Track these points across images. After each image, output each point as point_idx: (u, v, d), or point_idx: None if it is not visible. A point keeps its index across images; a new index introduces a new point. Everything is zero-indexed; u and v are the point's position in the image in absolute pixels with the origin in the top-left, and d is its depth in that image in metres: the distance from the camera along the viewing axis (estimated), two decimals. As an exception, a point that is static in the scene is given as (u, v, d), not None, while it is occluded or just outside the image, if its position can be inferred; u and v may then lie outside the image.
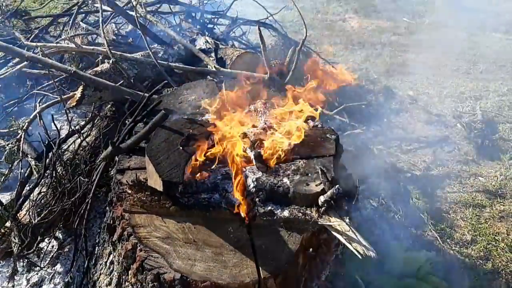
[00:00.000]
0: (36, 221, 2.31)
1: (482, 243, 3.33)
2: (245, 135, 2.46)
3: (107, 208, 2.20)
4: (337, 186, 2.14)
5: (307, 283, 2.33)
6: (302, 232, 2.08)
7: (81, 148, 2.89)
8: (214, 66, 3.41)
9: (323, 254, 2.32)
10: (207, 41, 3.88)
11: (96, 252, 2.49)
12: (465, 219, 3.60)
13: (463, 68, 7.81)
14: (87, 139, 2.91)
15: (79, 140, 3.08)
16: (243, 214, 2.09)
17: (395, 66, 7.50)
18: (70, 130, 3.03)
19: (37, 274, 2.72)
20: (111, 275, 2.19)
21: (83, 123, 3.30)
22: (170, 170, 1.96)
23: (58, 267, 2.77)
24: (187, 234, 1.96)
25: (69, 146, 3.06)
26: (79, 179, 2.45)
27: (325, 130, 2.63)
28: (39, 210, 2.44)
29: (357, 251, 2.01)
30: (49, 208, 2.38)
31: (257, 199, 2.17)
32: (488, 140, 5.10)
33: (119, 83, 2.95)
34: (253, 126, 2.53)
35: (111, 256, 2.18)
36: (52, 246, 2.84)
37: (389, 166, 4.15)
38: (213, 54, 3.70)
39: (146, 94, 2.54)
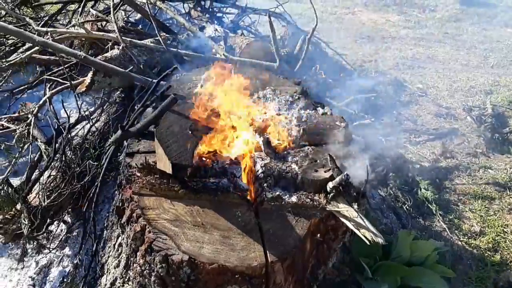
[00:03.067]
0: (45, 203, 2.33)
1: (491, 235, 3.31)
2: (253, 121, 2.46)
3: (117, 191, 2.22)
4: (345, 172, 2.14)
5: (314, 270, 2.34)
6: (310, 218, 2.08)
7: (90, 133, 2.90)
8: (223, 54, 3.40)
9: (330, 241, 2.31)
10: (216, 29, 3.88)
11: (104, 235, 2.51)
12: (474, 210, 3.57)
13: (473, 62, 7.75)
14: (96, 125, 2.92)
15: (88, 126, 3.10)
16: (251, 199, 2.10)
17: (405, 60, 7.46)
18: (80, 115, 3.05)
19: (46, 256, 2.75)
20: (119, 257, 2.21)
21: (92, 109, 3.32)
22: (179, 154, 1.97)
23: (67, 250, 2.80)
24: (195, 217, 1.97)
25: (78, 131, 3.08)
26: (88, 163, 2.46)
27: (335, 117, 2.62)
28: (48, 193, 2.46)
29: (365, 237, 2.01)
30: (59, 191, 2.40)
31: (265, 184, 2.17)
32: (498, 133, 5.05)
33: (129, 69, 2.96)
34: (263, 113, 2.53)
35: (119, 238, 2.20)
36: (61, 230, 2.86)
37: (398, 156, 4.13)
38: (222, 42, 3.69)
39: (155, 80, 2.54)
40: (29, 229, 2.33)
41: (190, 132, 2.12)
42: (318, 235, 2.14)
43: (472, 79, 6.98)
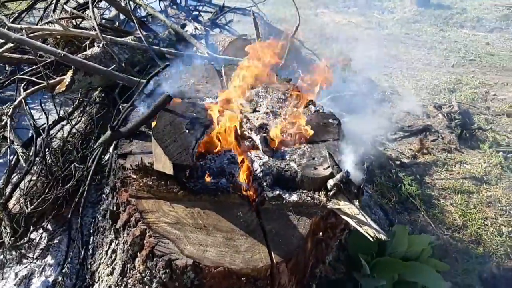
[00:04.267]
0: (29, 209, 2.18)
1: (473, 228, 3.40)
2: (248, 120, 2.41)
3: (109, 194, 2.11)
4: (345, 169, 2.13)
5: (313, 268, 2.31)
6: (311, 217, 2.05)
7: (70, 135, 2.76)
8: (207, 52, 3.32)
9: (329, 239, 2.29)
10: (196, 27, 3.79)
11: (92, 241, 2.39)
12: (454, 205, 3.66)
13: (435, 62, 8.02)
14: (76, 126, 2.78)
15: (67, 127, 2.95)
16: (251, 199, 2.04)
17: (370, 60, 7.57)
18: (59, 116, 2.90)
19: (26, 267, 2.59)
20: (113, 264, 2.10)
21: (70, 109, 3.16)
22: (179, 154, 1.89)
23: (49, 259, 2.64)
24: (196, 219, 1.90)
25: (56, 133, 2.92)
26: (73, 166, 2.33)
27: (327, 115, 2.60)
28: (30, 198, 2.31)
29: (368, 234, 1.99)
30: (42, 197, 2.25)
31: (264, 184, 2.12)
32: (466, 130, 5.23)
33: (111, 68, 2.83)
34: (255, 110, 2.49)
35: (113, 244, 2.09)
36: (41, 238, 2.71)
37: (379, 153, 4.18)
38: (203, 40, 3.61)
39: (143, 80, 2.44)
40: (11, 238, 2.18)
41: (187, 131, 2.04)
42: (320, 233, 2.11)
43: (435, 77, 7.21)
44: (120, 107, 2.65)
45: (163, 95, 2.14)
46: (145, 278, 1.84)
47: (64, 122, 3.00)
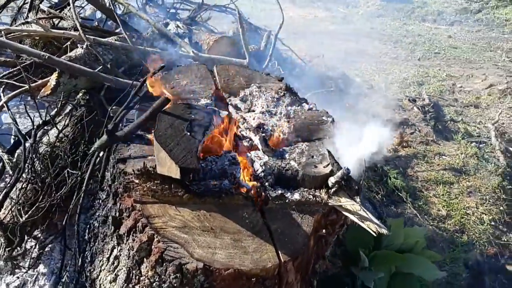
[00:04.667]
0: (23, 219, 2.11)
1: (456, 217, 3.52)
2: (244, 120, 2.41)
3: (107, 199, 2.06)
4: (346, 166, 2.16)
5: (314, 265, 2.34)
6: (313, 214, 2.07)
7: (58, 140, 2.67)
8: (192, 51, 3.29)
9: (328, 235, 2.33)
10: (178, 26, 3.74)
11: (89, 248, 2.33)
12: (437, 196, 3.78)
13: (402, 56, 8.19)
14: (63, 130, 2.69)
15: (52, 132, 2.86)
16: (255, 199, 2.05)
17: (339, 54, 7.67)
18: (43, 121, 2.80)
19: (18, 278, 2.51)
20: (116, 271, 2.06)
21: (53, 113, 3.06)
22: (184, 157, 1.87)
23: (41, 268, 2.57)
24: (203, 222, 1.88)
25: (41, 138, 2.83)
26: (66, 172, 2.27)
27: (320, 112, 2.63)
28: (20, 207, 2.23)
29: (370, 229, 2.04)
30: (36, 205, 2.18)
31: (266, 184, 2.13)
32: (439, 122, 5.39)
33: (98, 69, 2.76)
34: (252, 111, 2.48)
35: (115, 251, 2.05)
36: (31, 246, 2.62)
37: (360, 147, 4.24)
38: (186, 39, 3.57)
39: (137, 82, 2.40)
40: (6, 249, 2.10)
41: (188, 133, 2.02)
42: (324, 230, 2.14)
43: (403, 71, 7.38)
44: (111, 110, 2.60)
45: (161, 97, 2.10)
46: (154, 284, 1.82)
47: (47, 127, 2.90)
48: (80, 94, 3.11)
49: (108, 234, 2.07)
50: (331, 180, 2.13)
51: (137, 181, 1.94)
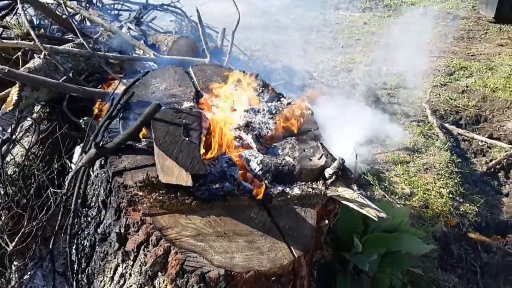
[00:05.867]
0: (11, 248, 1.93)
1: (419, 194, 3.75)
2: (231, 120, 2.38)
3: (112, 215, 1.94)
4: (340, 157, 2.22)
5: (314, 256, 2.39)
6: (314, 207, 2.11)
7: (26, 158, 2.47)
8: (153, 53, 3.18)
9: (324, 225, 2.38)
10: (130, 28, 3.59)
11: (81, 270, 2.19)
12: (398, 175, 4.00)
13: (326, 44, 8.46)
14: (26, 146, 2.49)
15: (16, 150, 2.64)
16: (259, 198, 2.04)
17: (268, 47, 7.77)
18: (2, 139, 2.58)
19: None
20: (122, 289, 1.96)
21: (9, 130, 2.82)
22: (191, 163, 1.82)
23: (24, 298, 2.37)
24: (215, 227, 1.85)
25: (4, 158, 2.60)
26: (50, 191, 2.10)
27: (299, 106, 2.67)
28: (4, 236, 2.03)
29: (370, 214, 2.12)
30: (22, 231, 2.00)
31: (266, 181, 2.13)
32: (379, 105, 5.70)
33: (62, 79, 2.58)
34: (233, 110, 2.46)
35: (119, 268, 1.95)
36: (10, 273, 2.41)
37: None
38: (142, 42, 3.44)
39: (117, 92, 2.28)
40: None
41: (186, 139, 1.96)
42: (326, 221, 2.19)
43: (331, 59, 7.64)
44: (82, 121, 2.46)
45: (151, 104, 2.02)
46: (174, 297, 1.76)
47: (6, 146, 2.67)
48: (39, 107, 2.90)
49: (111, 252, 1.96)
50: (328, 171, 2.18)
51: (141, 193, 1.85)
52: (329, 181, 2.18)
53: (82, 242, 2.24)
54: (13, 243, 1.92)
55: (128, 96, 2.24)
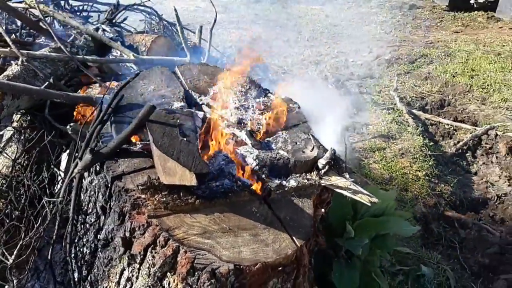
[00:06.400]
0: (11, 261, 1.89)
1: (398, 178, 3.90)
2: (221, 117, 2.41)
3: (115, 220, 1.93)
4: (331, 147, 2.29)
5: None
6: (310, 197, 2.18)
7: (13, 169, 2.41)
8: (133, 55, 3.15)
9: (320, 214, 2.46)
10: (104, 30, 3.53)
11: (83, 278, 2.18)
12: (376, 162, 4.14)
13: (292, 38, 8.55)
14: (11, 156, 2.43)
15: (0, 161, 2.58)
16: (259, 193, 2.08)
17: (234, 43, 7.77)
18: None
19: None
20: (129, 293, 1.97)
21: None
22: (193, 163, 1.84)
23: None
24: (220, 224, 1.89)
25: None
26: (44, 201, 2.07)
27: (286, 100, 2.72)
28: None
29: (363, 200, 2.21)
30: (20, 244, 1.96)
31: (263, 176, 2.18)
32: (350, 95, 5.86)
33: (44, 86, 2.52)
34: (225, 107, 2.49)
35: (125, 272, 1.95)
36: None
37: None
38: (118, 43, 3.40)
39: (104, 97, 2.26)
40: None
41: (184, 139, 1.98)
42: (323, 210, 2.26)
43: (299, 53, 7.75)
44: (68, 127, 2.43)
45: (146, 106, 2.02)
46: (186, 296, 1.78)
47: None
48: (19, 116, 2.83)
49: (115, 257, 1.96)
50: (321, 162, 2.25)
51: (144, 196, 1.86)
52: (323, 171, 2.25)
53: (81, 249, 2.23)
54: (13, 256, 1.89)
55: (118, 99, 2.22)
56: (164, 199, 1.87)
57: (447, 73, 6.61)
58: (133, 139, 2.16)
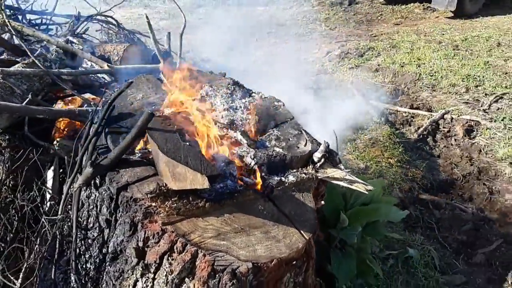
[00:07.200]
0: (18, 284, 1.81)
1: (373, 167, 4.06)
2: (213, 120, 2.42)
3: (125, 232, 1.90)
4: (324, 140, 2.37)
5: (310, 237, 2.53)
6: (309, 190, 2.25)
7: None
8: (107, 65, 3.10)
9: (320, 206, 2.53)
10: (72, 41, 3.44)
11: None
12: (350, 153, 4.28)
13: (240, 40, 8.55)
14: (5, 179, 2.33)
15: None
16: (262, 191, 2.12)
17: (191, 47, 7.74)
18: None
19: None
20: (143, 303, 1.95)
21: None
22: (202, 166, 1.85)
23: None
24: (231, 224, 1.91)
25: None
26: (45, 219, 2.00)
27: (270, 98, 2.78)
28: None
29: (360, 189, 2.31)
30: (25, 265, 1.89)
31: (263, 174, 2.22)
32: (310, 91, 6.02)
33: (25, 102, 2.43)
34: (213, 110, 2.51)
35: (139, 283, 1.93)
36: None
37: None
38: (89, 54, 3.32)
39: (92, 109, 2.21)
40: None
41: (186, 143, 1.98)
42: (322, 202, 2.33)
43: (251, 54, 7.76)
44: (56, 143, 2.36)
45: (144, 114, 2.01)
46: (207, 299, 1.79)
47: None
48: (-5, 135, 2.71)
49: (127, 269, 1.93)
50: (316, 155, 2.32)
51: (154, 204, 1.85)
52: (318, 164, 2.33)
53: (84, 266, 2.17)
54: (19, 280, 1.81)
55: (110, 110, 2.19)
56: (175, 204, 1.87)
57: (395, 64, 6.90)
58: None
